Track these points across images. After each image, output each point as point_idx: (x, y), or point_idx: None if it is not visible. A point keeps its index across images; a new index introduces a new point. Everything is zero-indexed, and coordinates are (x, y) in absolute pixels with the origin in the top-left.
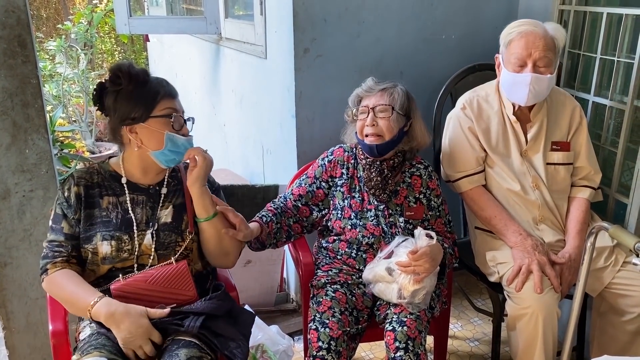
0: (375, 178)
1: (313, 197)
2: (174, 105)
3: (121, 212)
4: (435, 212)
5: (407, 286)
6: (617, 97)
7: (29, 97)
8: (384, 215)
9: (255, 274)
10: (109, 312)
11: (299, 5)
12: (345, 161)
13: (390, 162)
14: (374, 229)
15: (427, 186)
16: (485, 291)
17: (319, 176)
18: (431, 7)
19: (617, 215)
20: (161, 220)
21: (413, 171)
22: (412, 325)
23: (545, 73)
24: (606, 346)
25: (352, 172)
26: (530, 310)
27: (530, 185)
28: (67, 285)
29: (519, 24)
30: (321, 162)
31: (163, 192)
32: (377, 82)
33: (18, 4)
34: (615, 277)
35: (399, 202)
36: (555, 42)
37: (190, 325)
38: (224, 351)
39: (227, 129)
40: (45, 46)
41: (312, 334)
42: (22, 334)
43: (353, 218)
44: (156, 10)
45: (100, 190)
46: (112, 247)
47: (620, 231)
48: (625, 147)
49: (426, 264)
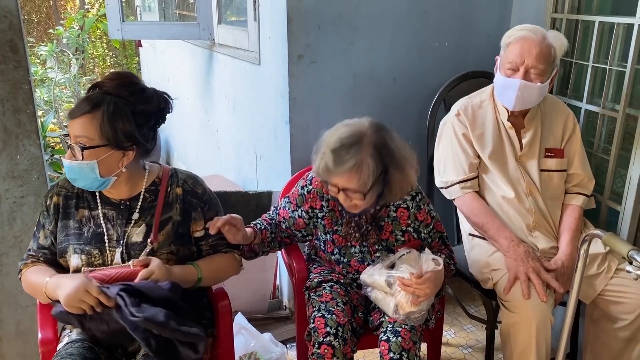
0: (355, 234)
1: (294, 223)
2: (70, 128)
3: (93, 226)
4: (428, 237)
5: (404, 305)
6: (609, 105)
7: (21, 102)
8: (370, 252)
9: (248, 281)
10: (57, 282)
11: (293, 11)
12: (325, 193)
13: (370, 213)
14: (359, 266)
15: (415, 218)
16: (478, 298)
17: (300, 205)
18: (425, 14)
19: (610, 222)
20: (131, 238)
21: (399, 204)
22: (407, 336)
23: (535, 81)
24: (599, 353)
25: (333, 204)
26: (523, 317)
27: (524, 191)
28: (32, 276)
29: (520, 29)
30: (301, 192)
31: (135, 214)
32: (341, 158)
33: (10, 9)
34: (608, 284)
35: (384, 237)
36: (552, 51)
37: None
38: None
39: (220, 135)
40: (36, 51)
41: (319, 321)
42: (12, 342)
43: (336, 254)
44: (149, 16)
45: (77, 201)
46: (82, 261)
47: (613, 239)
48: (618, 155)
49: (427, 289)
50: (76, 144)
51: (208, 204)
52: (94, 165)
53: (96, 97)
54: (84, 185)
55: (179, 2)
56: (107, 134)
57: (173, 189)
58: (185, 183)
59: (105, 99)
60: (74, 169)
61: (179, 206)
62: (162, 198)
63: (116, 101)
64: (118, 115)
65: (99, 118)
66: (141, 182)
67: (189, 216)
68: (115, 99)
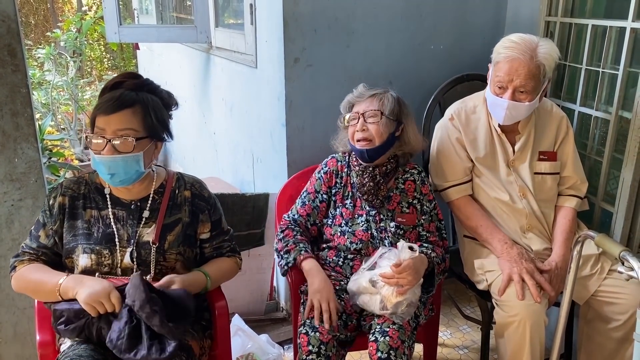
0: (368, 183)
1: (318, 212)
2: (106, 124)
3: (102, 226)
4: (428, 217)
5: (390, 298)
6: (602, 107)
7: (19, 106)
8: (375, 221)
9: (245, 283)
10: (78, 279)
11: (289, 15)
12: (339, 170)
13: (383, 168)
14: (363, 235)
15: (420, 191)
16: (474, 299)
17: (319, 189)
18: (420, 17)
19: (603, 223)
20: (142, 238)
21: (407, 177)
22: (395, 335)
23: (524, 100)
24: (593, 353)
25: (345, 179)
26: (518, 317)
27: (517, 194)
28: (33, 274)
29: (509, 45)
30: (318, 176)
31: (146, 213)
32: (368, 88)
33: (8, 13)
34: (601, 285)
35: (391, 207)
36: (540, 69)
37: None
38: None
39: (217, 137)
40: (33, 53)
41: (302, 338)
42: (9, 344)
43: (343, 225)
44: (146, 19)
45: (85, 202)
46: (92, 261)
47: (605, 240)
48: (611, 157)
49: (409, 276)
50: (120, 137)
51: (214, 207)
52: (140, 157)
53: (129, 93)
54: (123, 180)
55: (176, 5)
56: (149, 126)
57: (181, 191)
58: (193, 187)
59: (139, 94)
60: (117, 163)
61: (187, 208)
62: (167, 200)
63: (149, 95)
64: (157, 107)
65: (141, 111)
66: (151, 183)
67: (196, 218)
68: (146, 93)
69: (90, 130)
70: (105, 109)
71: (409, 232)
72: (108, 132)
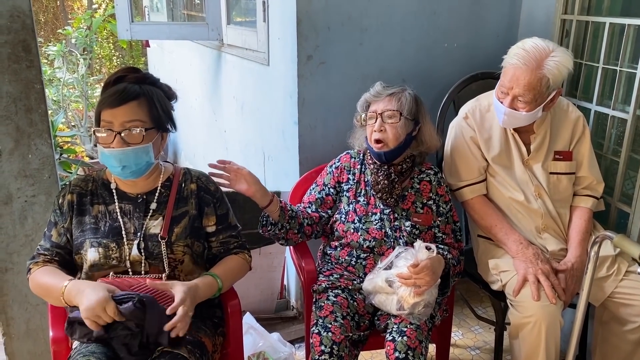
0: (383, 182)
1: (322, 203)
2: (113, 116)
3: (109, 220)
4: (444, 218)
5: (407, 298)
6: (619, 107)
7: (33, 101)
8: (389, 219)
9: (255, 281)
10: (77, 288)
11: (302, 13)
12: (352, 167)
13: (398, 167)
14: (377, 233)
15: (436, 192)
16: (486, 299)
17: (328, 183)
18: (434, 15)
19: (619, 224)
20: (149, 230)
21: (422, 177)
22: (412, 335)
23: (522, 109)
24: (608, 356)
25: (359, 176)
26: (533, 319)
27: (532, 194)
28: (44, 277)
29: (517, 52)
30: (329, 170)
31: (153, 205)
32: (386, 86)
33: (23, 9)
34: (618, 286)
35: (405, 207)
36: (542, 82)
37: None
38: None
39: (228, 135)
40: (44, 51)
41: (315, 338)
42: (22, 341)
43: (357, 222)
44: (157, 16)
45: (92, 198)
46: (100, 254)
47: (624, 240)
48: (628, 157)
49: (427, 277)
50: (129, 129)
51: (220, 201)
52: (149, 148)
53: (133, 85)
54: (134, 171)
55: (186, 3)
56: (155, 116)
57: (187, 184)
58: (199, 180)
59: (143, 87)
60: (128, 155)
61: (194, 201)
62: (175, 193)
63: (152, 87)
64: (161, 98)
65: (146, 102)
66: (158, 177)
67: (202, 211)
68: (148, 86)
69: (96, 125)
70: (111, 102)
71: (424, 232)
72: (116, 125)
